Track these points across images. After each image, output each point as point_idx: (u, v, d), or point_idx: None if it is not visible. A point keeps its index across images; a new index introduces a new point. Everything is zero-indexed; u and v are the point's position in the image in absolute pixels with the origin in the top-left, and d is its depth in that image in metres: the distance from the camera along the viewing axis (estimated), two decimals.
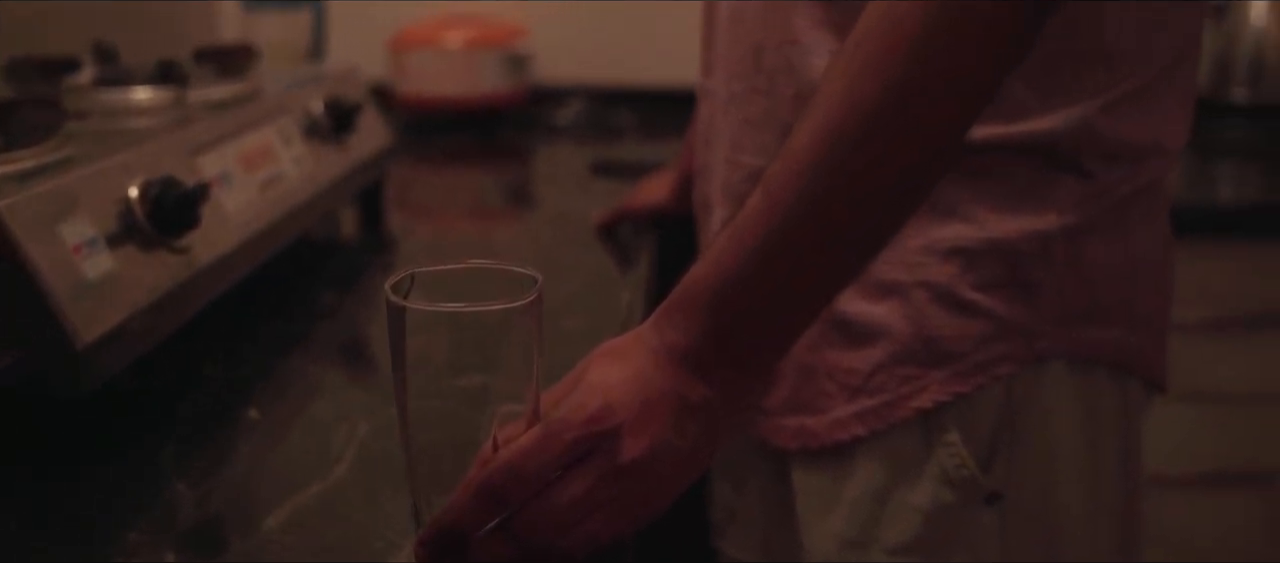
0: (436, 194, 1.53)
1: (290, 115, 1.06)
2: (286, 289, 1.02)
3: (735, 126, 0.80)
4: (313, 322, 0.96)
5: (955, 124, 0.56)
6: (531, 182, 1.61)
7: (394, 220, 1.28)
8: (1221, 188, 1.51)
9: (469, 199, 1.50)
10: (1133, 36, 0.69)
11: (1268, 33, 1.78)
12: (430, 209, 1.44)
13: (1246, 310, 1.35)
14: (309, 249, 1.14)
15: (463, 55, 1.74)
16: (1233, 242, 1.35)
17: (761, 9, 0.76)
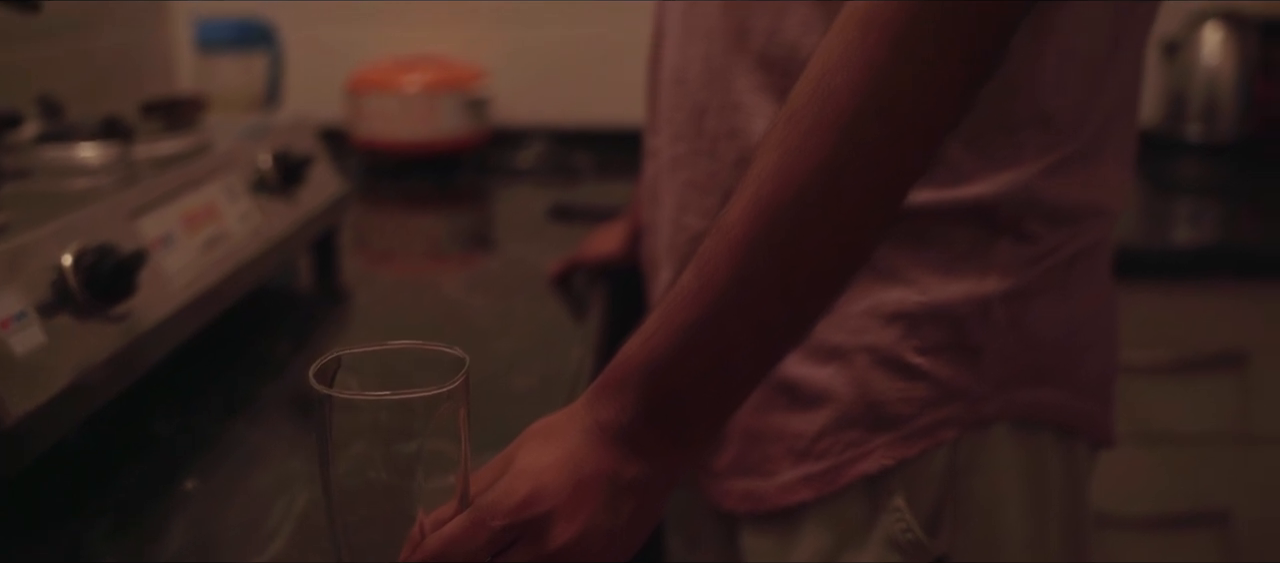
0: (393, 240, 1.52)
1: (237, 171, 1.05)
2: (234, 345, 1.00)
3: (680, 189, 0.80)
4: (258, 381, 0.95)
5: (889, 199, 0.56)
6: (489, 227, 1.61)
7: (349, 268, 1.27)
8: (1172, 229, 1.52)
9: (425, 245, 1.50)
10: (1071, 100, 0.69)
11: (1220, 70, 1.80)
12: (386, 256, 1.43)
13: (1197, 352, 1.36)
14: (260, 301, 1.13)
15: (420, 99, 1.73)
16: (1183, 283, 1.36)
17: (703, 71, 0.76)
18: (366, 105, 1.75)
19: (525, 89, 1.92)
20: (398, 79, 1.75)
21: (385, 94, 1.74)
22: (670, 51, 0.81)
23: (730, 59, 0.73)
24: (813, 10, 0.69)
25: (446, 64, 1.82)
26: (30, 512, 0.70)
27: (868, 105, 0.54)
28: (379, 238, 1.52)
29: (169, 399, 0.87)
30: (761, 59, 0.72)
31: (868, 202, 0.55)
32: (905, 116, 0.54)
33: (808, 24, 0.69)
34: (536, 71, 1.92)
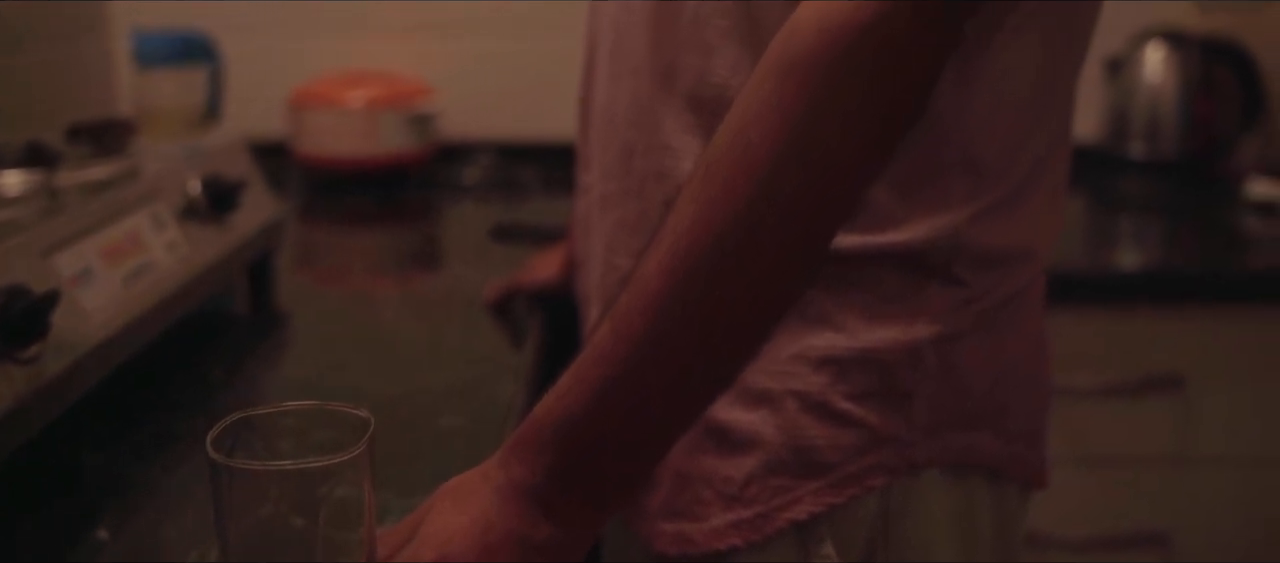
0: (333, 259, 1.50)
1: (165, 198, 1.02)
2: (161, 374, 0.98)
3: (610, 228, 0.78)
4: (183, 415, 0.93)
5: (807, 251, 0.55)
6: (431, 246, 1.59)
7: (287, 290, 1.24)
8: (1112, 253, 1.53)
9: (365, 265, 1.48)
10: (1000, 144, 0.69)
11: (1163, 89, 1.81)
12: (325, 277, 1.41)
13: (1136, 375, 1.36)
14: (192, 326, 1.10)
15: (363, 115, 1.71)
16: (1121, 307, 1.36)
17: (631, 110, 0.75)
18: (309, 121, 1.73)
19: (472, 103, 1.90)
20: (341, 94, 1.73)
21: (328, 109, 1.72)
22: (600, 88, 0.80)
23: (658, 99, 0.72)
24: (741, 53, 0.68)
25: (391, 79, 1.80)
26: None
27: (784, 159, 0.53)
28: (319, 257, 1.50)
29: (89, 435, 0.85)
30: (690, 100, 0.71)
31: (785, 255, 0.55)
32: (822, 170, 0.53)
33: (736, 66, 0.69)
34: (483, 86, 1.91)
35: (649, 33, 0.72)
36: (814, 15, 0.54)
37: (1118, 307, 1.36)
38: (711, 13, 0.69)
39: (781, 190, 0.53)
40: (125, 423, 0.89)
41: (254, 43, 1.84)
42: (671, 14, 0.71)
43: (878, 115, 0.54)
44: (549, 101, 1.90)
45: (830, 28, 0.54)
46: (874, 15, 0.53)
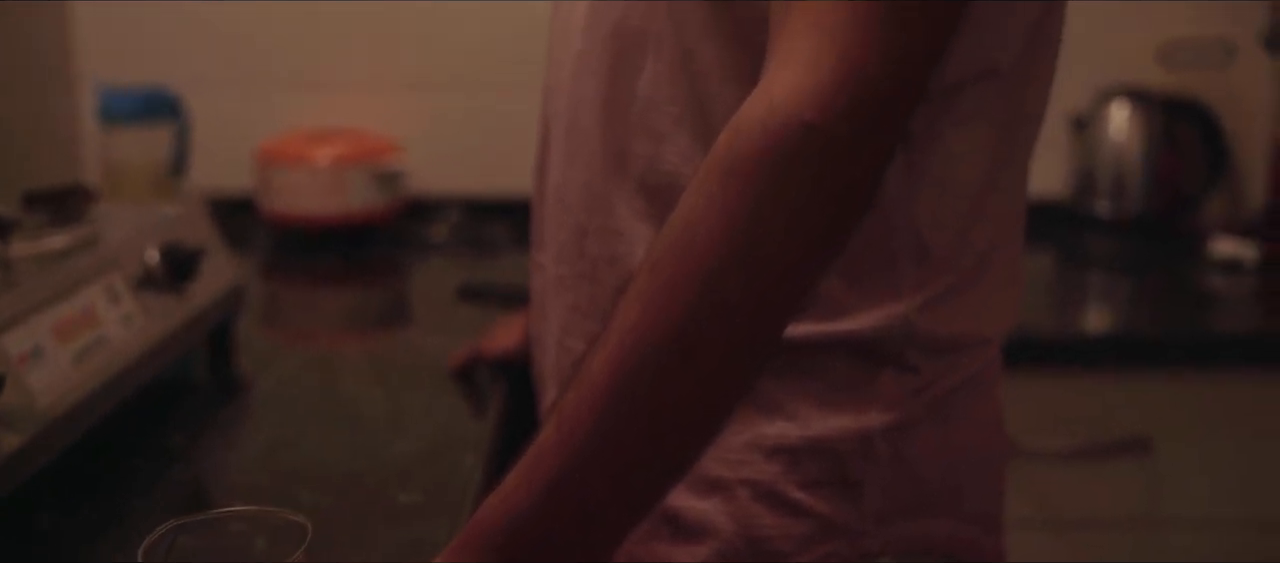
0: (297, 320, 1.49)
1: (122, 269, 1.01)
2: (116, 447, 0.97)
3: (563, 311, 0.78)
4: (135, 492, 0.92)
5: (753, 349, 0.55)
6: (396, 307, 1.58)
7: (250, 353, 1.23)
8: (1078, 316, 1.53)
9: (330, 328, 1.47)
10: (950, 231, 0.69)
11: (1127, 146, 1.83)
12: (288, 340, 1.40)
13: (1103, 437, 1.36)
14: (150, 393, 1.09)
15: (330, 172, 1.70)
16: (1089, 371, 1.36)
17: (584, 194, 0.74)
18: (275, 178, 1.72)
19: (440, 159, 1.90)
20: (307, 151, 1.72)
21: (294, 167, 1.71)
22: (553, 169, 0.79)
23: (610, 184, 0.72)
24: (692, 141, 0.68)
25: (358, 136, 1.79)
26: None
27: (728, 259, 0.53)
28: (283, 318, 1.49)
29: (41, 505, 0.84)
30: (641, 186, 0.71)
31: (731, 353, 0.54)
32: (767, 271, 0.53)
33: (686, 155, 0.69)
34: (452, 141, 1.90)
35: (601, 118, 0.72)
36: (758, 115, 0.54)
37: (1085, 369, 1.36)
38: (662, 100, 0.69)
39: (726, 291, 0.53)
40: (79, 494, 0.87)
41: (220, 98, 1.84)
42: (623, 100, 0.71)
43: (822, 216, 0.54)
44: (518, 157, 1.89)
45: (774, 128, 0.54)
46: (818, 116, 0.53)
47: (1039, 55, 0.71)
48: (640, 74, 0.70)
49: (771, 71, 0.56)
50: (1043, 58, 0.71)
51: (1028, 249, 0.80)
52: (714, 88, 0.67)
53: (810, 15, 0.55)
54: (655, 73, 0.69)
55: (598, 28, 0.72)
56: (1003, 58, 0.67)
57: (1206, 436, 1.37)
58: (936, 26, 0.57)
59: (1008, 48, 0.68)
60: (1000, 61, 0.67)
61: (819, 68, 0.54)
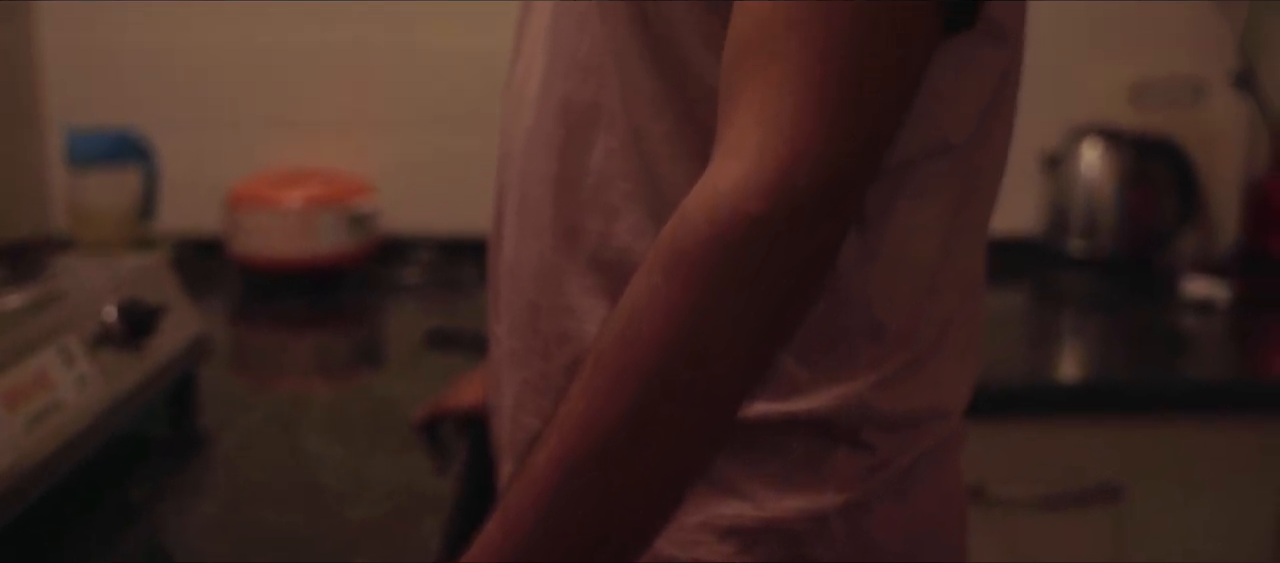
0: (263, 368, 1.48)
1: (78, 328, 1.00)
2: (73, 504, 0.95)
3: (517, 385, 0.77)
4: (92, 555, 0.90)
5: (701, 442, 0.54)
6: (365, 354, 1.57)
7: (213, 403, 1.22)
8: (1051, 359, 1.53)
9: (295, 375, 1.45)
10: (905, 307, 0.68)
11: (1099, 184, 1.83)
12: (254, 388, 1.39)
13: (1074, 485, 1.36)
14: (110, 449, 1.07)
15: (300, 215, 1.69)
16: (1059, 418, 1.36)
17: (536, 269, 0.74)
18: (244, 222, 1.70)
19: (413, 197, 1.89)
20: (277, 194, 1.71)
21: (264, 210, 1.70)
22: (507, 242, 0.78)
23: (562, 260, 0.72)
24: (643, 219, 0.68)
25: (329, 177, 1.78)
26: None
27: (674, 353, 0.52)
28: (249, 366, 1.48)
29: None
30: (593, 261, 0.70)
31: (678, 446, 0.54)
32: (713, 363, 0.53)
33: (638, 231, 0.68)
34: (424, 180, 1.90)
35: (552, 193, 0.72)
36: (703, 206, 0.54)
37: (1055, 416, 1.36)
38: (614, 175, 0.69)
39: (672, 384, 0.52)
40: (36, 552, 0.86)
41: (190, 139, 1.83)
42: (574, 176, 0.70)
43: (769, 308, 0.53)
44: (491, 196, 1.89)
45: (719, 220, 0.53)
46: (762, 207, 0.53)
47: (993, 127, 0.70)
48: (592, 149, 0.70)
49: (717, 161, 0.56)
50: (997, 130, 0.71)
51: (1000, 287, 0.80)
52: (665, 165, 0.67)
53: (755, 104, 0.55)
54: (607, 148, 0.69)
55: (549, 101, 0.72)
56: (956, 132, 0.67)
57: (1178, 483, 1.37)
58: (886, 111, 0.57)
59: (961, 122, 0.67)
60: (954, 136, 0.67)
61: (764, 158, 0.53)
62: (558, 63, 0.71)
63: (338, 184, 1.76)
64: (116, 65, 1.81)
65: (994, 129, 0.70)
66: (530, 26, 0.78)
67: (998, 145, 0.72)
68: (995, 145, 0.71)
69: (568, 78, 0.70)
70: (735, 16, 0.58)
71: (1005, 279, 1.76)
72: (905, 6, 0.56)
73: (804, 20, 0.55)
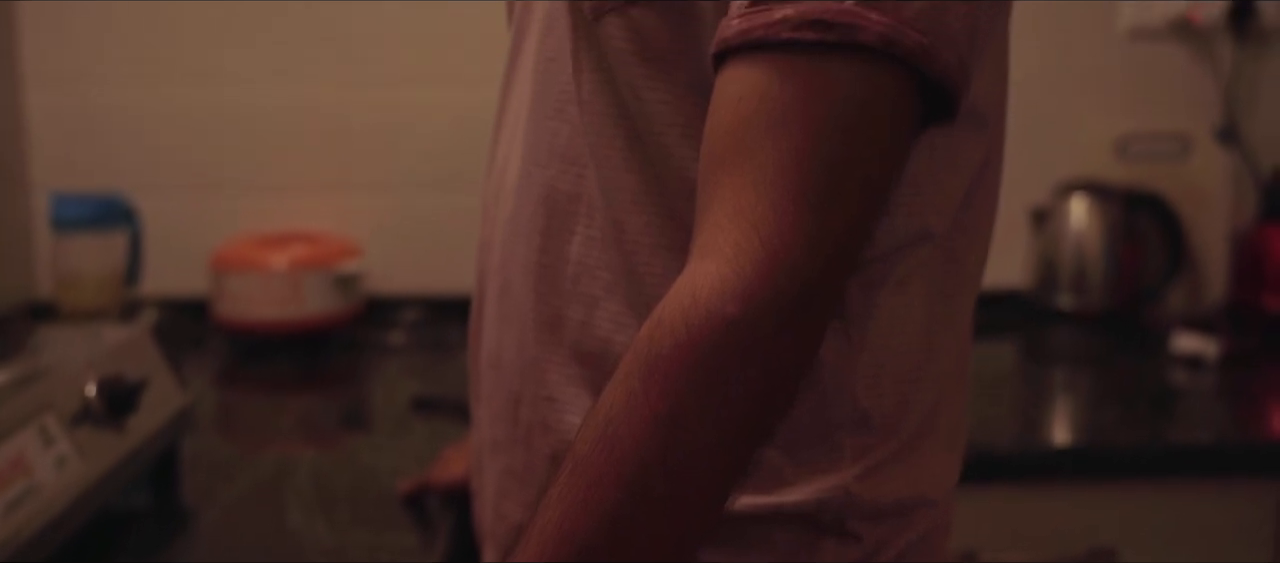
0: (247, 436, 1.46)
1: (58, 406, 0.99)
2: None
3: (498, 474, 0.76)
4: None
5: (681, 545, 0.53)
6: (350, 421, 1.55)
7: (195, 473, 1.20)
8: (1042, 422, 1.52)
9: (280, 443, 1.44)
10: (889, 397, 0.68)
11: (1087, 238, 1.83)
12: (237, 457, 1.37)
13: (1069, 550, 1.35)
14: (90, 524, 1.06)
15: (285, 278, 1.68)
16: (1053, 483, 1.35)
17: (517, 358, 0.73)
18: (229, 284, 1.70)
19: (399, 257, 1.88)
20: (262, 257, 1.70)
21: (249, 273, 1.69)
22: (488, 329, 0.78)
23: (543, 350, 0.71)
24: (623, 309, 0.67)
25: (315, 239, 1.78)
26: None
27: (652, 458, 0.51)
28: (235, 433, 1.46)
29: None
30: (575, 351, 0.70)
31: (658, 553, 0.53)
32: (693, 467, 0.52)
33: (619, 322, 0.67)
34: (410, 239, 1.89)
35: (533, 282, 0.71)
36: (680, 309, 0.53)
37: (1046, 481, 1.35)
38: (594, 265, 0.68)
39: (650, 494, 0.51)
40: None
41: (175, 201, 1.82)
42: (555, 265, 0.70)
43: (748, 411, 0.52)
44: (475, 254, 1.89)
45: (696, 324, 0.52)
46: (741, 310, 0.52)
47: (976, 213, 0.70)
48: (572, 238, 0.69)
49: (694, 261, 0.55)
50: (980, 215, 0.70)
51: (990, 341, 0.79)
52: (644, 256, 0.66)
53: (731, 204, 0.54)
54: (587, 238, 0.68)
55: (529, 191, 0.71)
56: (938, 221, 0.67)
57: (1171, 546, 1.36)
58: (865, 208, 0.57)
59: (943, 210, 0.67)
60: (936, 225, 0.67)
61: (741, 259, 0.53)
62: (537, 151, 0.71)
63: (323, 245, 1.75)
64: (101, 128, 1.81)
65: (976, 214, 0.70)
66: (509, 109, 0.77)
67: (980, 230, 0.71)
68: (977, 230, 0.71)
69: (547, 167, 0.70)
70: (713, 108, 0.58)
71: (995, 334, 1.76)
72: (883, 104, 0.55)
73: (782, 118, 0.54)
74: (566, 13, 0.67)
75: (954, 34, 0.55)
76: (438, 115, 1.85)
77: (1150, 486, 1.35)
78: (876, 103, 0.55)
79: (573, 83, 0.68)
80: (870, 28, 0.53)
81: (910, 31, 0.54)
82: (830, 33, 0.54)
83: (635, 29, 0.63)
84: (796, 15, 0.54)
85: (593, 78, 0.67)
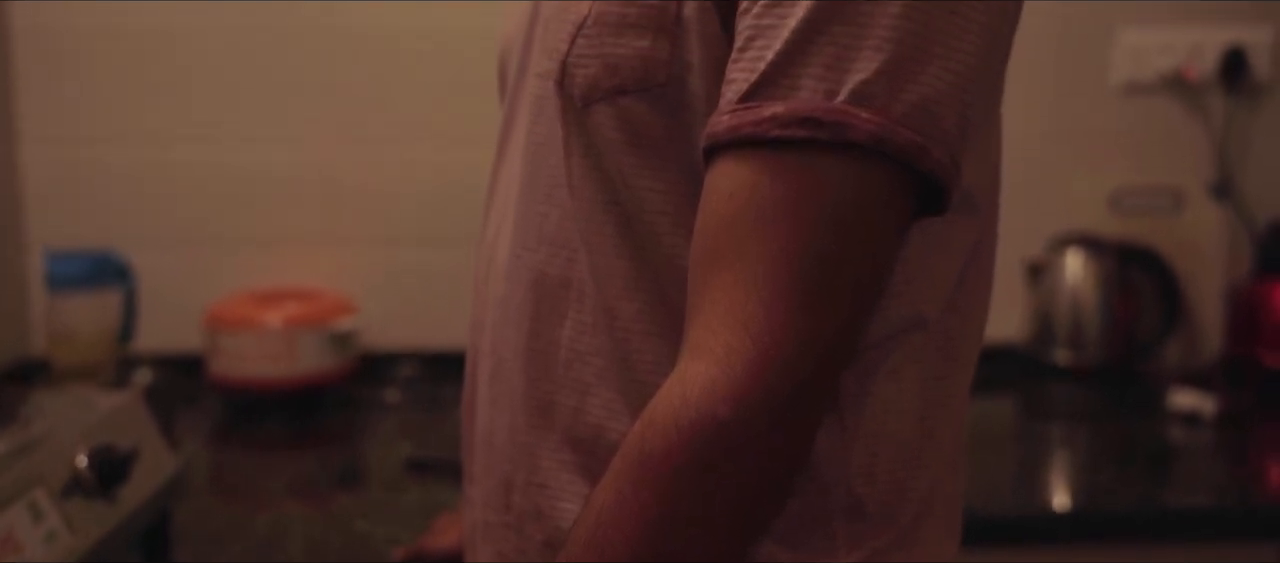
0: (240, 499, 1.45)
1: (48, 478, 0.98)
2: None
3: (492, 557, 0.75)
4: None
5: None
6: (344, 480, 1.54)
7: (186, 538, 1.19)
8: (1040, 483, 1.51)
9: (271, 510, 1.42)
10: (885, 485, 0.67)
11: (1083, 293, 1.83)
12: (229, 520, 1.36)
13: None
14: None
15: (281, 335, 1.68)
16: (1051, 546, 1.34)
17: (509, 442, 0.72)
18: (224, 342, 1.69)
19: (395, 311, 1.88)
20: (257, 314, 1.70)
21: (243, 331, 1.68)
22: (481, 412, 0.77)
23: (536, 435, 0.70)
24: (615, 395, 0.67)
25: (309, 295, 1.77)
26: None
27: (644, 560, 0.51)
28: (228, 494, 1.45)
29: None
30: (567, 437, 0.69)
31: None
32: (690, 549, 0.51)
33: (611, 409, 0.67)
34: (405, 294, 1.89)
35: (524, 367, 0.71)
36: (671, 411, 0.53)
37: (1046, 545, 1.34)
38: (586, 351, 0.68)
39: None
40: None
41: (169, 258, 1.82)
42: (546, 349, 0.69)
43: (739, 511, 0.52)
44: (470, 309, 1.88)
45: (687, 425, 0.52)
46: (732, 412, 0.52)
47: (969, 295, 0.70)
48: (563, 322, 0.69)
49: (685, 360, 0.55)
50: (974, 297, 0.70)
51: (987, 396, 0.78)
52: (636, 342, 0.66)
53: (722, 303, 0.54)
54: (578, 323, 0.68)
55: (519, 275, 0.71)
56: (931, 307, 0.66)
57: None
58: (857, 303, 0.56)
59: (936, 296, 0.67)
60: (929, 311, 0.66)
61: (732, 359, 0.53)
62: (526, 234, 0.71)
63: (317, 302, 1.75)
64: (97, 185, 1.81)
65: (969, 296, 0.70)
66: (500, 187, 0.77)
67: (974, 312, 0.71)
68: (971, 311, 0.71)
69: (536, 251, 0.70)
70: (704, 204, 0.58)
71: (992, 389, 1.76)
72: (874, 201, 0.55)
73: (772, 216, 0.54)
74: (556, 98, 0.67)
75: (946, 131, 0.55)
76: (432, 172, 1.85)
77: (1148, 549, 1.34)
78: (867, 200, 0.55)
79: (563, 168, 0.68)
80: (861, 127, 0.53)
81: (902, 130, 0.54)
82: (821, 131, 0.54)
83: (625, 118, 0.63)
84: (787, 113, 0.54)
85: (583, 164, 0.67)
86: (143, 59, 1.79)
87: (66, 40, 1.78)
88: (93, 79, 1.79)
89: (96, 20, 1.78)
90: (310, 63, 1.82)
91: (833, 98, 0.54)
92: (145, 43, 1.79)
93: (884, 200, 0.56)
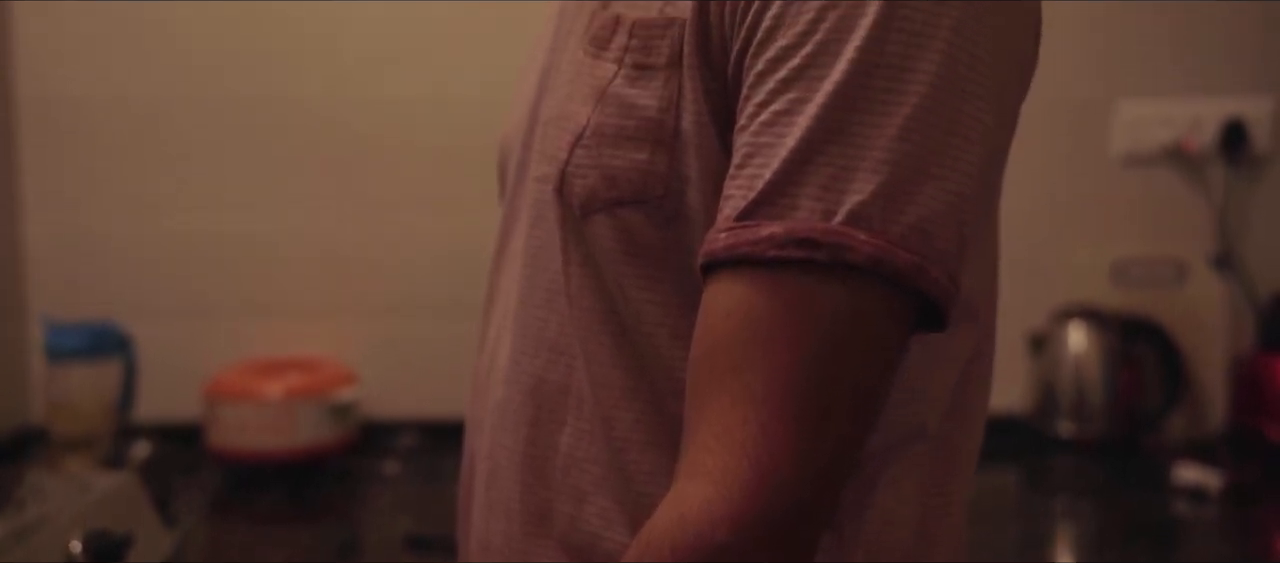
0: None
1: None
2: None
3: None
4: None
5: None
6: (341, 559, 1.53)
7: None
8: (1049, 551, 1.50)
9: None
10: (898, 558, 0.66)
11: (1086, 364, 1.82)
12: None
13: None
14: None
15: (281, 407, 1.67)
16: None
17: (504, 547, 0.72)
18: (223, 413, 1.68)
19: (396, 380, 1.88)
20: (256, 385, 1.69)
21: (242, 402, 1.68)
22: (476, 516, 0.77)
23: (531, 542, 0.70)
24: (612, 504, 0.66)
25: (310, 365, 1.77)
26: None
27: None
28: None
29: None
30: (563, 544, 0.69)
31: None
32: None
33: (608, 518, 0.66)
34: (408, 363, 1.88)
35: (521, 473, 0.70)
36: (666, 533, 0.52)
37: None
38: (583, 459, 0.67)
39: None
40: None
41: (169, 327, 1.82)
42: (543, 455, 0.69)
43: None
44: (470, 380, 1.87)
45: (682, 547, 0.51)
46: (730, 535, 0.51)
47: (968, 402, 0.69)
48: (561, 429, 0.68)
49: (682, 481, 0.54)
50: (973, 403, 0.70)
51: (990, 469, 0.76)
52: (633, 452, 0.65)
53: (719, 423, 0.54)
54: (576, 431, 0.68)
55: (518, 380, 0.71)
56: (930, 417, 0.66)
57: None
58: (855, 422, 0.56)
59: (935, 407, 0.66)
60: (928, 421, 0.66)
61: (729, 481, 0.52)
62: (526, 339, 0.71)
63: (318, 373, 1.74)
64: (98, 255, 1.81)
65: (969, 401, 0.69)
66: (500, 289, 0.77)
67: (973, 418, 0.70)
68: (970, 418, 0.70)
69: (536, 356, 0.69)
70: (701, 321, 0.58)
71: (996, 461, 1.74)
72: (872, 321, 0.55)
73: (769, 336, 0.54)
74: (555, 205, 0.67)
75: (943, 250, 0.55)
76: (432, 240, 1.85)
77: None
78: (865, 320, 0.55)
79: (562, 275, 0.68)
80: (859, 249, 0.53)
81: (900, 252, 0.54)
82: (819, 253, 0.53)
83: (623, 229, 0.63)
84: (784, 233, 0.54)
85: (581, 272, 0.67)
86: (144, 130, 1.80)
87: (69, 112, 1.79)
88: (95, 150, 1.80)
89: (99, 92, 1.79)
90: (310, 133, 1.82)
91: (830, 218, 0.54)
92: (147, 114, 1.80)
93: (882, 320, 0.55)
